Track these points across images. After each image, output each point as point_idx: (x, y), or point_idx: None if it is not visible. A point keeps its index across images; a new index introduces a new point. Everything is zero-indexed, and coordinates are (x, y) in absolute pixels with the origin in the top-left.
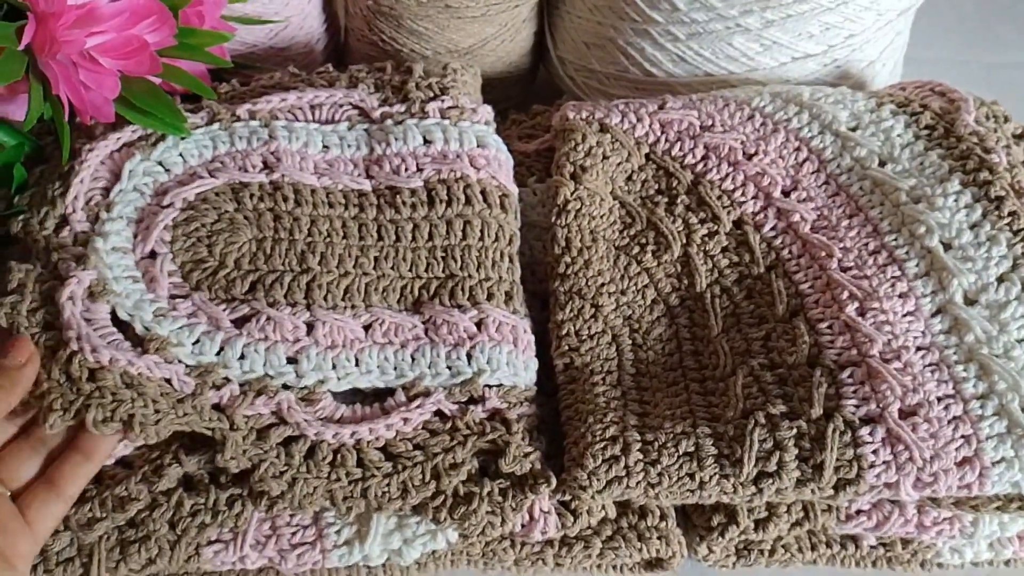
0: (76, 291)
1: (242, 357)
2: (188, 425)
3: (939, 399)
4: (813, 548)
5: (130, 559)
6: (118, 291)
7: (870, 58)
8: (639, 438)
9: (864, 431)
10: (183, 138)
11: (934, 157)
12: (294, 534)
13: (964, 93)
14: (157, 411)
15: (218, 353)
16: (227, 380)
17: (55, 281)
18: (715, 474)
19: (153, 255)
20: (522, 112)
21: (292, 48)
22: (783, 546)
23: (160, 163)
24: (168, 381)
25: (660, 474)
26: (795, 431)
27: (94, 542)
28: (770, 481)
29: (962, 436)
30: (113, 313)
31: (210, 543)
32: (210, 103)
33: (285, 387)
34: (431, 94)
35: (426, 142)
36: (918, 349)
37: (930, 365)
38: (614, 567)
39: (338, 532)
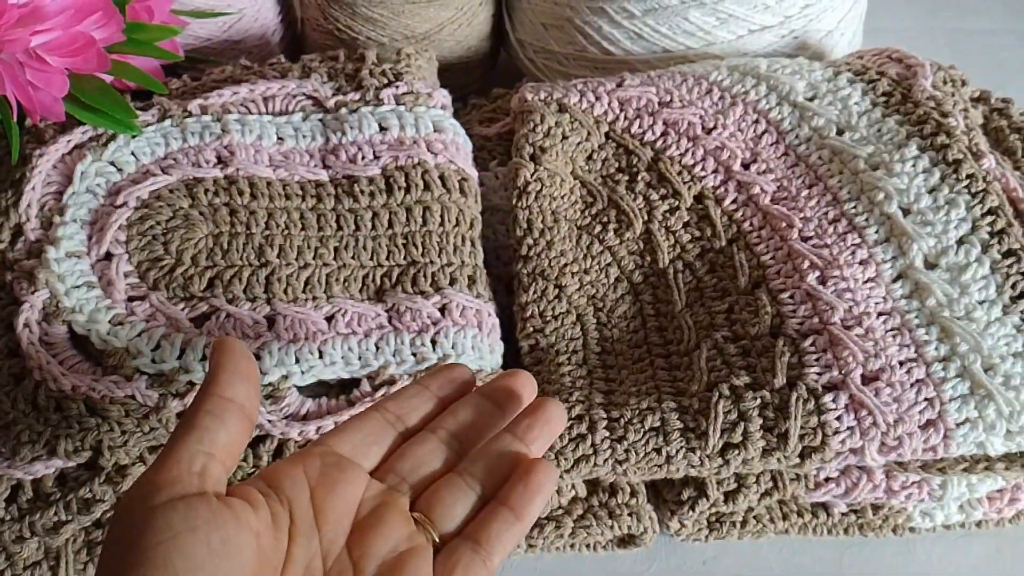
0: (30, 317)
1: (203, 358)
2: (155, 439)
3: (901, 363)
4: (784, 518)
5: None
6: (71, 306)
7: (828, 28)
8: (605, 416)
9: (827, 398)
10: (134, 136)
11: (891, 123)
12: None
13: (921, 58)
14: (124, 432)
15: (179, 357)
16: (190, 386)
17: (13, 305)
18: (681, 448)
19: (109, 257)
20: (483, 96)
21: (247, 40)
22: (755, 517)
23: (112, 163)
24: (132, 397)
25: (627, 450)
26: (759, 401)
27: (61, 545)
28: (736, 452)
29: (925, 399)
30: (72, 328)
31: None
32: (160, 100)
33: None
34: (385, 81)
35: (382, 129)
36: (879, 315)
37: (892, 330)
38: (587, 545)
39: None
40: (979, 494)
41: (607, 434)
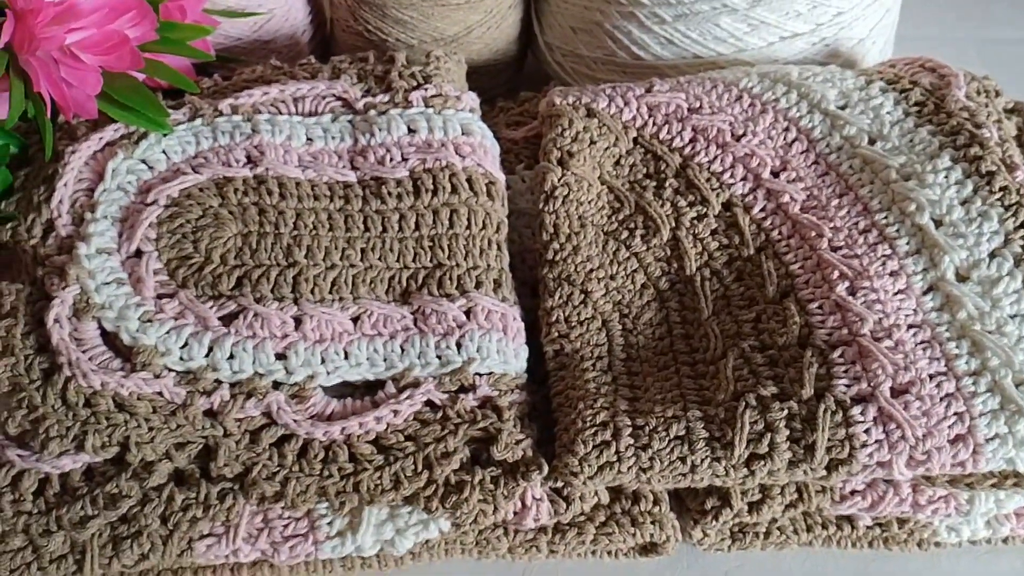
0: (61, 313)
1: (231, 357)
2: (182, 436)
3: (931, 376)
4: (809, 530)
5: (123, 555)
6: (101, 302)
7: (860, 36)
8: (630, 423)
9: (856, 410)
10: (166, 135)
11: (924, 133)
12: (286, 526)
13: (955, 68)
14: (151, 429)
15: (207, 355)
16: (217, 384)
17: (44, 301)
18: (706, 457)
19: (139, 254)
20: (510, 99)
21: (277, 40)
22: (778, 528)
23: (143, 161)
24: (160, 394)
25: (651, 458)
26: (786, 412)
27: (87, 539)
28: (762, 463)
29: (955, 413)
30: (102, 325)
31: (202, 537)
32: (192, 99)
33: (275, 386)
34: (414, 83)
35: (410, 131)
36: (910, 327)
37: (922, 343)
38: (608, 552)
39: (330, 524)
40: (1007, 510)
41: (631, 441)
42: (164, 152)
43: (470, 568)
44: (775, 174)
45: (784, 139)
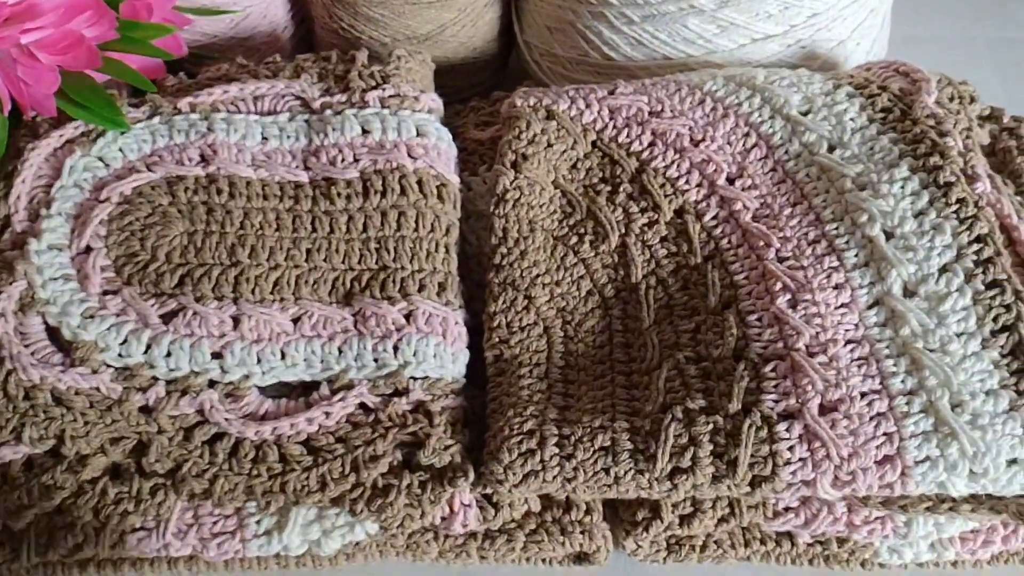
0: (6, 307)
1: (168, 355)
2: (117, 431)
3: (863, 394)
4: (747, 544)
5: (58, 545)
6: (46, 298)
7: (839, 38)
8: (556, 432)
9: (781, 427)
10: (123, 133)
11: (885, 141)
12: (215, 523)
13: (928, 73)
14: (87, 423)
15: (145, 352)
16: (154, 380)
17: None
18: (630, 469)
19: (88, 250)
20: (484, 99)
21: (256, 37)
22: (715, 542)
23: (100, 158)
24: (96, 389)
25: (575, 468)
26: (711, 426)
27: (23, 528)
28: (684, 477)
29: (884, 433)
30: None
31: (134, 530)
32: (153, 97)
33: (211, 384)
34: (373, 83)
35: (364, 132)
36: (848, 343)
37: (858, 359)
38: (543, 560)
39: (258, 522)
40: (949, 534)
41: (556, 451)
42: (121, 150)
43: (407, 569)
44: (731, 180)
45: (743, 145)
